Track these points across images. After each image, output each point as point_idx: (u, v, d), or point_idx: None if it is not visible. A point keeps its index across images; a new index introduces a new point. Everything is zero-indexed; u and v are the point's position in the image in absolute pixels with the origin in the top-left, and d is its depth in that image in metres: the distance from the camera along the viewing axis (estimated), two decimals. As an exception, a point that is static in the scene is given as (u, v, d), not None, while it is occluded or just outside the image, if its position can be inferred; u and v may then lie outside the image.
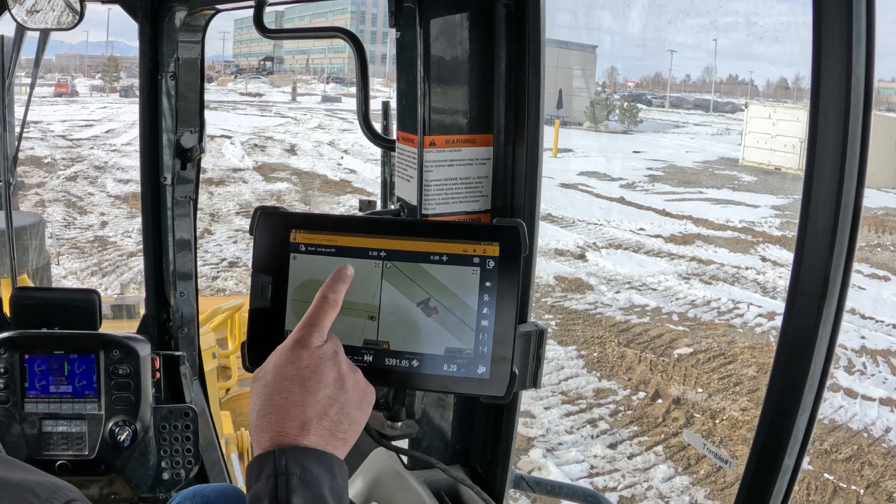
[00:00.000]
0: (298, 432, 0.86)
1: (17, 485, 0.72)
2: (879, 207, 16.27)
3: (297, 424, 0.87)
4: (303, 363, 0.90)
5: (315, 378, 0.89)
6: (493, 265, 1.03)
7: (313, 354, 0.90)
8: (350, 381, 0.92)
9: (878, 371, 8.45)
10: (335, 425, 0.89)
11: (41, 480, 0.74)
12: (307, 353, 0.90)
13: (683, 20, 38.18)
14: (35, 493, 0.72)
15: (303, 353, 0.90)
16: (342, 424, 0.90)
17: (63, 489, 0.75)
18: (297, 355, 0.90)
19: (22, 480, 0.73)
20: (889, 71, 27.47)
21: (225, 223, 14.40)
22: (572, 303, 10.50)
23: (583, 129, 33.68)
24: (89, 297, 2.09)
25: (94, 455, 1.95)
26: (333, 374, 0.91)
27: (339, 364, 0.92)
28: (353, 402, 0.91)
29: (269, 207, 1.08)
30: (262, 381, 0.90)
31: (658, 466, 6.51)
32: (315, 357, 0.90)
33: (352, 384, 0.92)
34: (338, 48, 64.05)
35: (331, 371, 0.90)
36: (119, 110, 33.97)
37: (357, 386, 0.93)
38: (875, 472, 6.44)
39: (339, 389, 0.90)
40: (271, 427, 0.87)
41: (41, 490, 0.73)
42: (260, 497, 0.84)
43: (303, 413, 0.87)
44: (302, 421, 0.87)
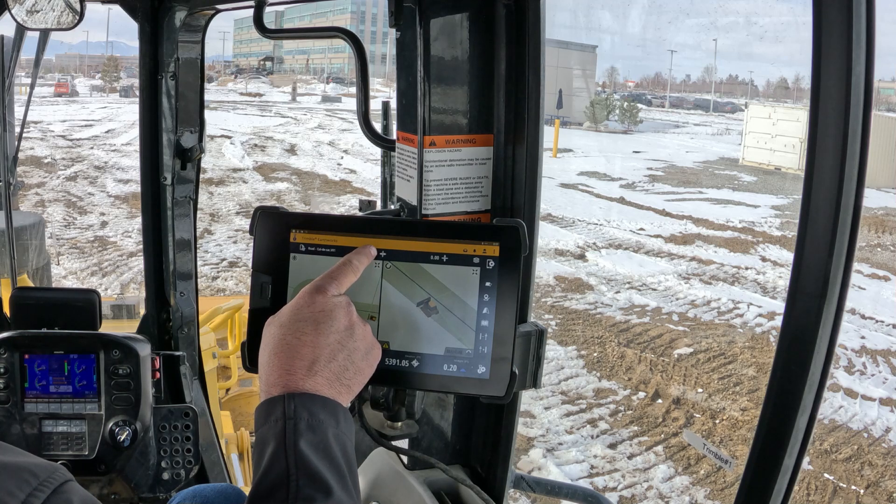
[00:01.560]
0: (306, 372, 0.90)
1: (16, 466, 0.74)
2: (879, 207, 16.27)
3: (306, 364, 0.90)
4: (317, 307, 0.94)
5: (328, 322, 0.93)
6: (493, 265, 1.03)
7: (329, 300, 0.94)
8: (360, 332, 0.96)
9: (878, 371, 8.44)
10: (341, 370, 0.93)
11: (38, 462, 0.76)
12: (323, 297, 0.94)
13: (683, 20, 38.22)
14: (34, 473, 0.73)
15: (318, 298, 0.94)
16: (348, 371, 0.93)
17: (60, 470, 0.76)
18: (314, 299, 0.94)
19: (19, 462, 0.74)
20: (889, 71, 27.49)
21: (225, 223, 14.40)
22: (572, 303, 10.50)
23: (583, 129, 33.69)
24: (89, 297, 2.09)
25: (94, 455, 1.95)
26: (346, 321, 0.94)
27: (351, 314, 0.96)
28: (361, 352, 0.95)
29: (269, 207, 1.08)
30: (277, 322, 0.94)
31: (658, 466, 6.51)
32: (330, 303, 0.94)
33: (361, 335, 0.96)
34: (338, 48, 64.05)
35: (343, 318, 0.94)
36: (119, 110, 33.96)
37: (366, 337, 0.96)
38: (875, 472, 6.44)
39: (349, 337, 0.94)
40: (281, 366, 0.90)
41: (39, 471, 0.74)
42: (267, 439, 0.87)
43: (312, 353, 0.91)
44: (311, 360, 0.91)
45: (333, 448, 0.87)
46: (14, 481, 0.72)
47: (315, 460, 0.85)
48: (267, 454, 0.86)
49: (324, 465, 0.85)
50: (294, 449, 0.85)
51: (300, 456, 0.84)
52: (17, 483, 0.72)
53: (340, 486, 0.85)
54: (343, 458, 0.88)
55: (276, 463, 0.85)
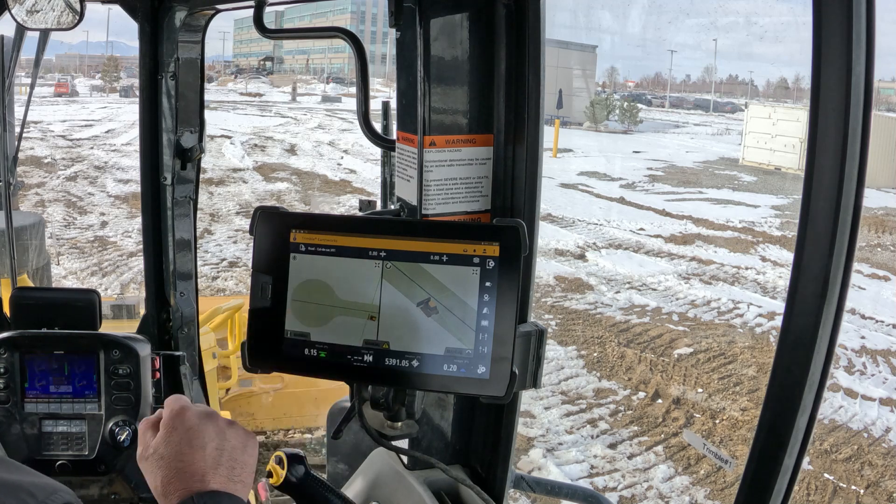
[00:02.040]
0: (201, 483, 0.96)
1: (15, 485, 0.73)
2: (879, 207, 16.26)
3: (198, 478, 0.96)
4: (185, 427, 1.00)
5: (199, 437, 0.99)
6: (493, 265, 1.02)
7: (191, 419, 1.01)
8: (230, 432, 1.02)
9: (878, 371, 8.44)
10: (230, 471, 0.99)
11: (38, 482, 0.75)
12: (185, 419, 1.01)
13: (683, 20, 38.18)
14: (32, 493, 0.73)
15: (182, 421, 1.01)
16: (235, 469, 0.99)
17: (59, 491, 0.76)
18: (178, 423, 1.01)
19: (19, 481, 0.74)
20: (889, 71, 27.48)
21: (225, 223, 14.40)
22: (572, 303, 10.50)
23: (583, 129, 33.67)
24: (89, 297, 2.09)
25: (94, 455, 1.95)
26: (214, 429, 1.01)
27: (215, 420, 1.02)
28: (239, 449, 1.01)
29: (269, 207, 1.08)
30: (156, 455, 0.99)
31: (658, 466, 6.50)
32: (193, 420, 1.01)
33: (232, 434, 1.02)
34: (338, 48, 64.03)
35: (211, 427, 1.01)
36: (119, 110, 33.94)
37: (237, 434, 1.03)
38: (875, 472, 6.43)
39: (223, 440, 1.00)
40: (176, 487, 0.96)
41: (38, 491, 0.74)
42: None
43: (199, 468, 0.97)
44: (201, 472, 0.97)
45: None
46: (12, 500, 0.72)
47: None
48: None
49: None
50: None
51: None
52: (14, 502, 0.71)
53: None
54: None
55: None
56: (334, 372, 1.08)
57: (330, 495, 1.10)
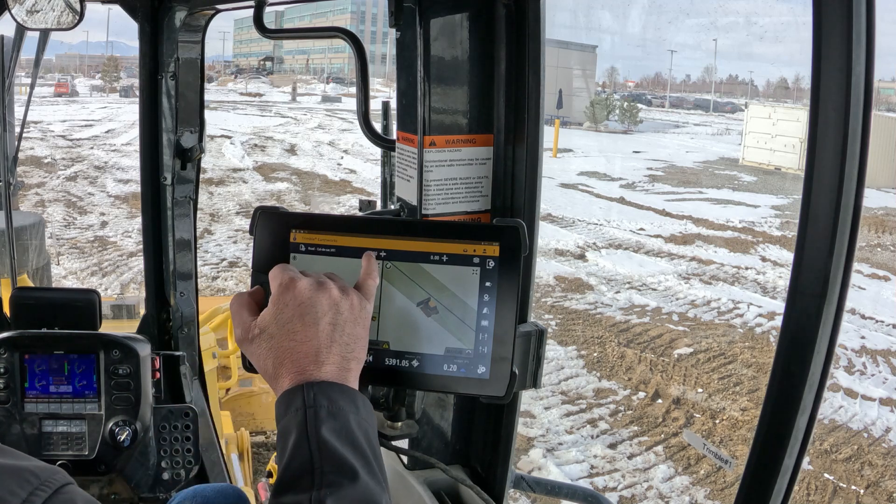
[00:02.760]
0: (315, 365, 0.91)
1: (17, 467, 0.74)
2: (879, 207, 16.26)
3: (311, 359, 0.91)
4: (295, 301, 0.94)
5: (311, 311, 0.93)
6: (493, 265, 1.02)
7: (302, 291, 0.94)
8: (343, 303, 0.95)
9: (878, 371, 8.44)
10: (344, 348, 0.94)
11: (39, 465, 0.77)
12: (294, 291, 0.95)
13: (683, 20, 38.21)
14: (35, 474, 0.74)
15: (294, 294, 0.94)
16: (349, 346, 0.94)
17: (60, 473, 0.77)
18: (290, 297, 0.94)
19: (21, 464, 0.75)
20: (889, 71, 27.48)
21: (225, 223, 14.40)
22: (572, 303, 10.50)
23: (583, 129, 33.67)
24: (89, 297, 2.09)
25: (94, 455, 1.95)
26: (326, 301, 0.94)
27: (327, 290, 0.95)
28: (351, 321, 0.95)
29: (269, 207, 1.08)
30: (266, 333, 0.94)
31: (658, 466, 6.50)
32: (305, 293, 0.94)
33: (346, 305, 0.96)
34: (338, 48, 64.04)
35: (323, 299, 0.94)
36: (119, 110, 33.94)
37: (351, 305, 0.96)
38: (875, 472, 6.43)
39: (336, 314, 0.94)
40: (289, 370, 0.91)
41: (40, 472, 0.75)
42: (289, 429, 0.88)
43: (312, 346, 0.92)
44: (314, 353, 0.92)
45: (356, 433, 0.88)
46: (15, 481, 0.72)
47: (339, 446, 0.85)
48: (290, 444, 0.86)
49: (348, 450, 0.85)
50: (317, 436, 0.85)
51: (323, 443, 0.85)
52: (18, 482, 0.72)
53: (366, 471, 0.85)
54: (366, 443, 0.88)
55: (299, 452, 0.85)
56: (334, 372, 1.08)
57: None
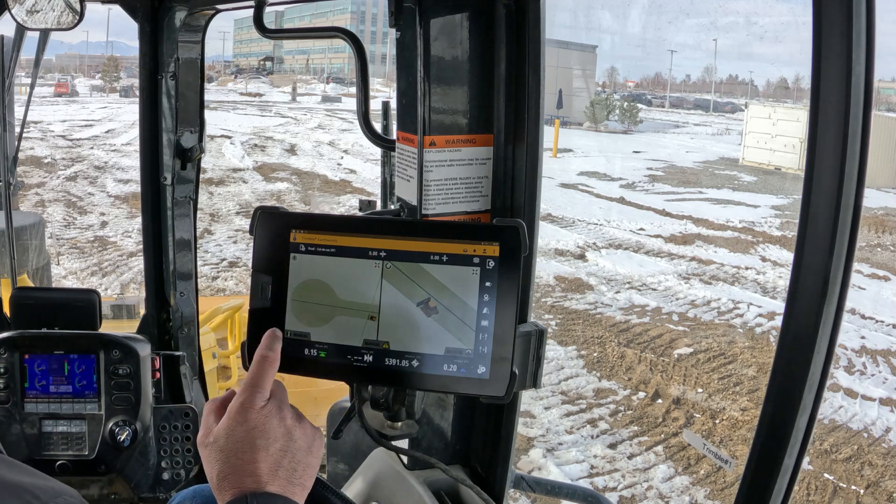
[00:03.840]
0: (257, 485, 0.92)
1: (19, 486, 0.73)
2: (879, 207, 16.26)
3: (254, 479, 0.92)
4: (250, 425, 0.95)
5: (263, 436, 0.95)
6: (493, 265, 1.02)
7: (259, 416, 0.96)
8: (297, 432, 0.98)
9: (878, 371, 8.44)
10: (290, 473, 0.95)
11: (43, 484, 0.75)
12: (253, 414, 0.96)
13: (683, 20, 38.19)
14: (36, 496, 0.73)
15: (249, 416, 0.96)
16: (296, 472, 0.96)
17: (64, 494, 0.76)
18: (245, 418, 0.95)
19: (23, 483, 0.74)
20: (889, 71, 27.48)
21: (225, 223, 14.40)
22: (572, 303, 10.50)
23: (583, 129, 33.67)
24: (89, 297, 2.09)
25: (94, 455, 1.95)
26: (281, 429, 0.96)
27: (284, 419, 0.97)
28: (304, 450, 0.97)
29: (269, 207, 1.08)
30: (216, 445, 0.95)
31: (658, 466, 6.50)
32: (261, 417, 0.96)
33: (299, 434, 0.98)
34: (338, 48, 64.02)
35: (278, 427, 0.96)
36: (119, 110, 33.93)
37: (305, 434, 0.98)
38: (875, 472, 6.43)
39: (288, 441, 0.96)
40: (231, 484, 0.92)
41: (42, 493, 0.74)
42: None
43: (257, 468, 0.93)
44: (258, 475, 0.93)
45: None
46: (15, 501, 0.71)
47: None
48: None
49: None
50: None
51: None
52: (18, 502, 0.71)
53: None
54: None
55: None
56: (334, 372, 1.08)
57: (330, 495, 1.10)
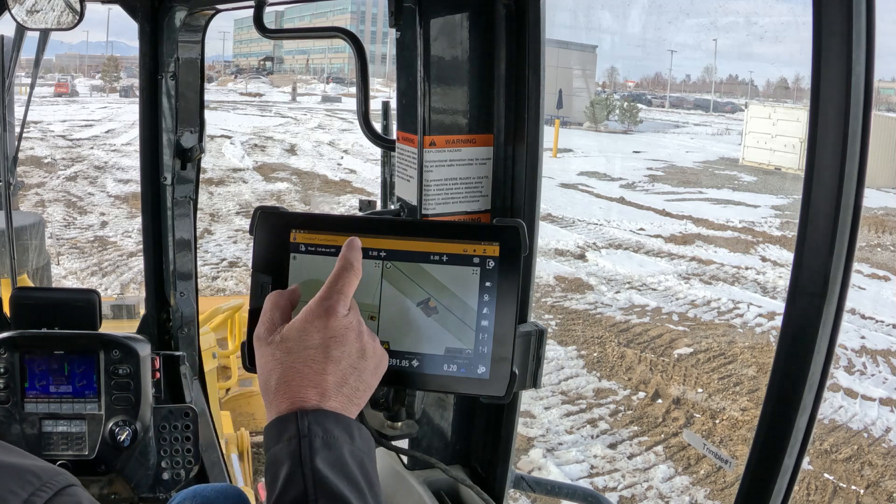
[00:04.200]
0: (319, 398, 0.87)
1: (19, 466, 0.73)
2: (879, 207, 16.26)
3: (318, 392, 0.87)
4: (329, 332, 0.90)
5: (340, 347, 0.90)
6: (493, 265, 1.02)
7: (340, 323, 0.91)
8: (370, 350, 0.93)
9: (878, 371, 8.44)
10: (353, 392, 0.90)
11: (42, 465, 0.76)
12: (334, 321, 0.90)
13: (683, 20, 38.22)
14: (37, 475, 0.73)
15: (330, 322, 0.90)
16: (359, 391, 0.91)
17: (63, 474, 0.76)
18: (325, 323, 0.90)
19: (23, 463, 0.74)
20: (889, 71, 27.50)
21: (225, 223, 14.40)
22: (572, 303, 10.50)
23: (583, 129, 33.68)
24: (89, 297, 2.09)
25: (94, 455, 1.95)
26: (358, 343, 0.91)
27: (361, 334, 0.93)
28: (370, 370, 0.93)
29: (269, 207, 1.07)
30: (285, 344, 0.90)
31: (658, 466, 6.51)
32: (342, 326, 0.91)
33: (371, 352, 0.93)
34: (338, 48, 64.03)
35: (355, 341, 0.91)
36: (119, 110, 33.94)
37: (375, 353, 0.94)
38: (875, 472, 6.44)
39: (360, 358, 0.91)
40: (291, 392, 0.87)
41: (42, 473, 0.74)
42: (280, 459, 0.84)
43: (324, 380, 0.88)
44: (323, 388, 0.88)
45: (351, 465, 0.84)
46: (16, 481, 0.72)
47: (334, 479, 0.82)
48: (282, 475, 0.83)
49: (343, 483, 0.82)
50: (311, 468, 0.82)
51: (318, 475, 0.81)
52: (19, 483, 0.71)
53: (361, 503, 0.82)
54: (362, 475, 0.85)
55: (292, 484, 0.82)
56: (334, 372, 1.08)
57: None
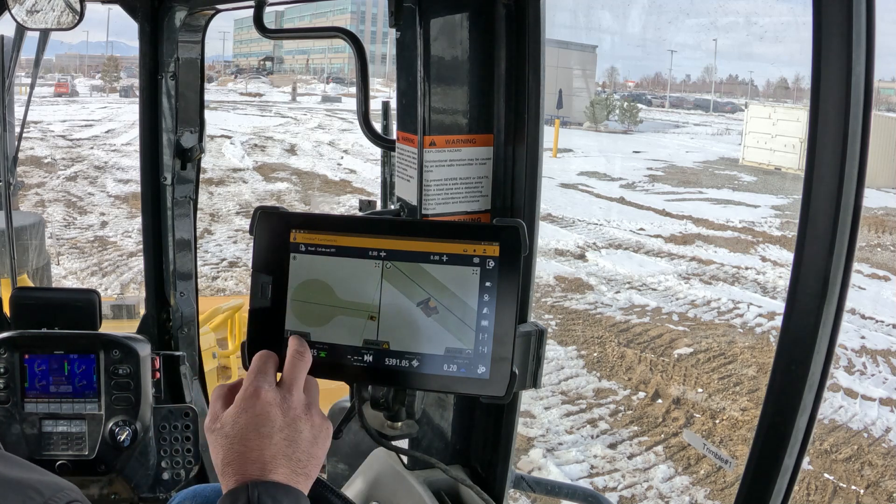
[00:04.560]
0: (261, 472, 0.92)
1: (21, 482, 0.73)
2: (879, 207, 16.26)
3: (259, 466, 0.92)
4: (255, 411, 0.95)
5: (267, 424, 0.94)
6: (493, 265, 1.02)
7: (263, 402, 0.96)
8: (302, 422, 0.97)
9: (878, 371, 8.44)
10: (295, 464, 0.95)
11: (45, 480, 0.75)
12: (257, 400, 0.96)
13: (683, 20, 38.21)
14: (39, 491, 0.73)
15: (254, 402, 0.96)
16: (302, 462, 0.95)
17: (66, 489, 0.76)
18: (250, 404, 0.96)
19: (25, 478, 0.74)
20: (889, 71, 27.49)
21: (225, 223, 14.40)
22: (572, 303, 10.50)
23: (583, 129, 33.67)
24: (89, 297, 2.09)
25: (94, 455, 1.95)
26: (284, 418, 0.96)
27: (289, 408, 0.97)
28: (308, 441, 0.97)
29: (269, 207, 1.08)
30: (222, 431, 0.96)
31: (658, 466, 6.51)
32: (265, 403, 0.96)
33: (305, 424, 0.97)
34: (338, 48, 64.03)
35: (279, 417, 0.96)
36: (119, 110, 33.93)
37: (311, 425, 0.98)
38: (875, 472, 6.44)
39: (293, 431, 0.95)
40: (235, 470, 0.92)
41: (45, 489, 0.74)
42: None
43: (261, 455, 0.93)
44: (262, 462, 0.92)
45: None
46: (17, 497, 0.71)
47: None
48: None
49: None
50: None
51: None
52: (21, 499, 0.71)
53: None
54: None
55: None
56: (334, 372, 1.08)
57: (330, 495, 1.10)
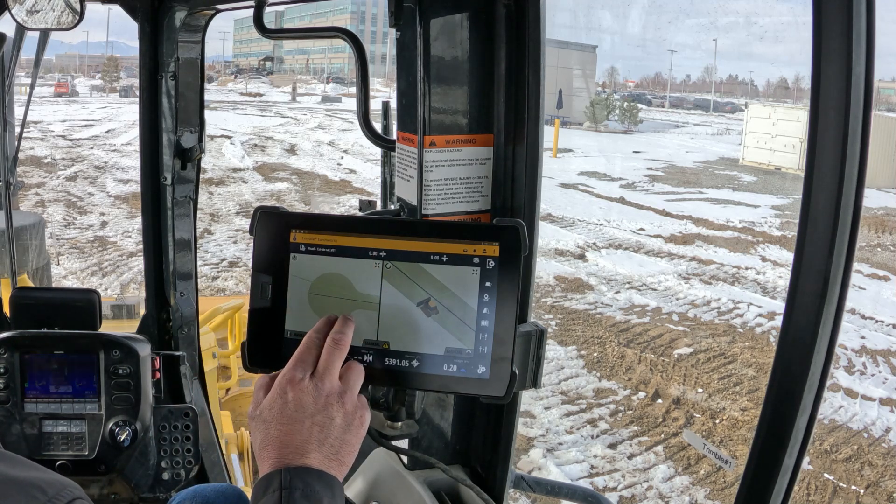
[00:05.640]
0: (296, 455, 0.96)
1: (24, 481, 0.74)
2: (879, 207, 16.27)
3: (293, 449, 0.96)
4: (289, 398, 0.99)
5: (300, 411, 0.98)
6: (493, 265, 1.02)
7: (298, 391, 0.99)
8: (335, 409, 0.99)
9: (878, 371, 8.44)
10: (329, 450, 0.98)
11: (47, 478, 0.75)
12: (292, 388, 0.99)
13: (683, 20, 38.22)
14: (42, 489, 0.74)
15: (287, 388, 0.99)
16: (335, 449, 0.98)
17: (68, 487, 0.76)
18: (283, 391, 0.99)
19: (28, 477, 0.74)
20: (889, 71, 27.52)
21: (225, 223, 14.40)
22: (572, 303, 10.50)
23: (583, 129, 33.67)
24: (89, 297, 2.09)
25: (94, 455, 1.95)
26: (316, 405, 0.99)
27: (319, 397, 0.99)
28: (340, 427, 0.99)
29: (269, 207, 1.08)
30: (260, 418, 1.00)
31: (658, 466, 6.51)
32: (298, 391, 0.99)
33: (339, 412, 1.00)
34: (338, 48, 64.03)
35: (312, 404, 0.99)
36: (119, 110, 33.94)
37: (343, 412, 1.00)
38: (875, 472, 6.44)
39: (327, 418, 0.98)
40: (271, 454, 0.96)
41: (48, 487, 0.74)
42: None
43: (293, 440, 0.97)
44: (295, 447, 0.96)
45: None
46: (22, 496, 0.72)
47: None
48: None
49: None
50: None
51: None
52: (25, 498, 0.72)
53: None
54: None
55: None
56: (334, 372, 1.08)
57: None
